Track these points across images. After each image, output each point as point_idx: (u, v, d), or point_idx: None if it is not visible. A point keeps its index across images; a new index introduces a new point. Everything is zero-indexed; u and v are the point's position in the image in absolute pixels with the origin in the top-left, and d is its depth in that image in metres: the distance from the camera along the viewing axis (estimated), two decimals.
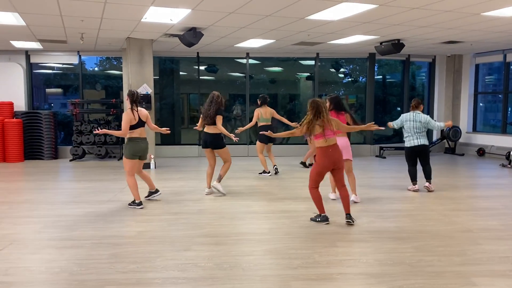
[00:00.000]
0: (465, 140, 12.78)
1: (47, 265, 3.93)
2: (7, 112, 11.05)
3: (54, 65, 12.60)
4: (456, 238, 4.75)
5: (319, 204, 5.30)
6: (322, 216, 5.32)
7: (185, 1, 6.32)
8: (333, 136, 5.12)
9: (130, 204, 6.08)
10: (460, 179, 8.72)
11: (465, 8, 6.64)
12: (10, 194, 7.09)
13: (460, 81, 13.03)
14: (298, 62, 13.33)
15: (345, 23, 7.79)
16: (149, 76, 9.92)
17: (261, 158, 8.80)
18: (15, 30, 8.48)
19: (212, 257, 4.12)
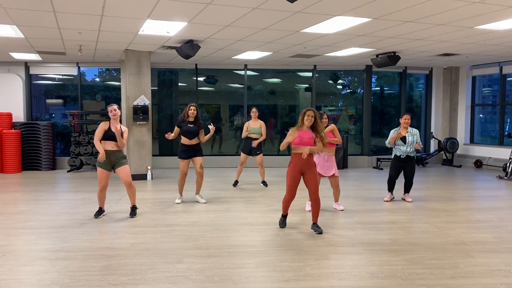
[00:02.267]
0: (462, 151, 12.80)
1: (39, 277, 3.93)
2: (6, 123, 11.09)
3: (54, 76, 12.68)
4: (449, 250, 4.75)
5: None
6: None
7: (181, 14, 6.39)
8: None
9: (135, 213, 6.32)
10: (456, 191, 8.72)
11: (458, 21, 6.71)
12: (5, 205, 7.09)
13: (457, 93, 13.09)
14: (297, 73, 13.41)
15: (341, 36, 7.86)
16: (146, 88, 9.98)
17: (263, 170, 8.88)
18: (13, 42, 8.57)
19: (204, 270, 4.12)
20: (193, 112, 7.04)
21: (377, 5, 5.74)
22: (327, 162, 6.53)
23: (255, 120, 8.72)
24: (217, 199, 7.59)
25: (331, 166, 6.54)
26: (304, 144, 5.30)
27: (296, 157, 5.35)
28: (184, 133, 7.02)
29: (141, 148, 9.94)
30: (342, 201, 7.24)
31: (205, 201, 7.33)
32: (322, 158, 6.49)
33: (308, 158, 5.30)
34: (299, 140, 5.32)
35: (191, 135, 7.02)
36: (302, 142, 5.31)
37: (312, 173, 5.38)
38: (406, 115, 7.32)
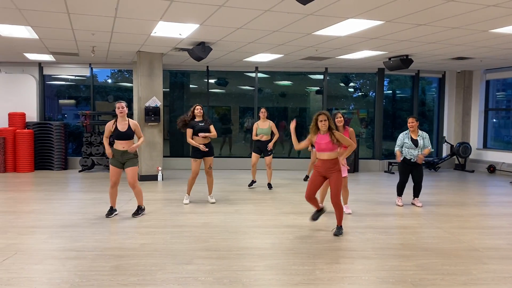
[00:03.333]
0: (475, 156, 12.65)
1: (49, 276, 3.96)
2: (19, 122, 11.24)
3: (67, 77, 12.81)
4: (461, 256, 4.68)
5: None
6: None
7: (194, 16, 6.42)
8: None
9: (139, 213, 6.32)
10: (468, 196, 8.60)
11: (473, 25, 6.63)
12: (18, 204, 7.18)
13: (470, 97, 12.94)
14: (307, 76, 13.38)
15: (353, 38, 7.82)
16: (158, 89, 10.03)
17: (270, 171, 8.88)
18: (28, 43, 8.68)
19: (213, 271, 4.11)
20: (200, 111, 7.15)
21: (390, 8, 5.70)
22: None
23: (264, 120, 8.73)
24: (227, 201, 7.59)
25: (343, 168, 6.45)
26: (322, 150, 5.28)
27: (319, 162, 5.36)
28: (198, 132, 7.09)
29: (152, 149, 9.99)
30: (352, 205, 7.21)
31: (214, 201, 7.39)
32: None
33: (327, 162, 5.27)
34: (317, 147, 5.31)
35: (205, 132, 7.12)
36: (321, 149, 5.29)
37: (333, 178, 5.29)
38: (411, 118, 7.30)
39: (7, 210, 6.72)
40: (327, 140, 5.25)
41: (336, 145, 5.26)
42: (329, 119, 5.27)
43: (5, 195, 8.08)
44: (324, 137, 5.28)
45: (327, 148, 5.25)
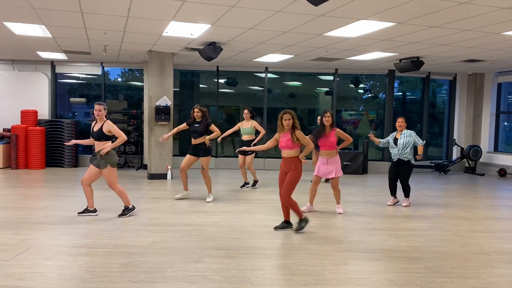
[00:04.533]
0: (485, 159, 12.54)
1: (60, 272, 4.02)
2: (31, 120, 11.38)
3: (78, 75, 12.94)
4: (470, 260, 4.66)
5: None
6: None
7: (205, 17, 6.46)
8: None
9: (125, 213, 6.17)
10: (478, 200, 8.55)
11: (485, 27, 6.59)
12: (30, 200, 7.27)
13: (481, 100, 12.85)
14: (317, 77, 13.37)
15: (363, 40, 7.81)
16: (169, 88, 10.10)
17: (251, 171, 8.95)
18: (41, 41, 8.79)
19: (222, 270, 4.14)
20: (197, 113, 7.31)
21: (402, 9, 5.69)
22: (326, 165, 6.59)
23: (247, 120, 8.79)
24: (236, 200, 7.62)
25: (332, 169, 6.58)
26: (283, 148, 5.48)
27: (282, 160, 5.54)
28: (191, 133, 7.36)
29: (162, 148, 10.06)
30: (361, 206, 7.22)
31: (211, 200, 7.43)
32: (321, 161, 6.62)
33: (286, 160, 5.45)
34: (280, 144, 5.51)
35: (195, 134, 7.31)
36: (282, 146, 5.49)
37: (288, 175, 5.44)
38: (401, 118, 7.36)
39: (19, 206, 6.81)
40: (287, 138, 5.41)
41: (296, 144, 5.40)
42: (293, 118, 5.42)
43: (17, 191, 8.20)
44: (286, 135, 5.46)
45: (287, 146, 5.42)
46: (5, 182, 9.33)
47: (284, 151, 5.49)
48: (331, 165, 6.59)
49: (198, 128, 7.26)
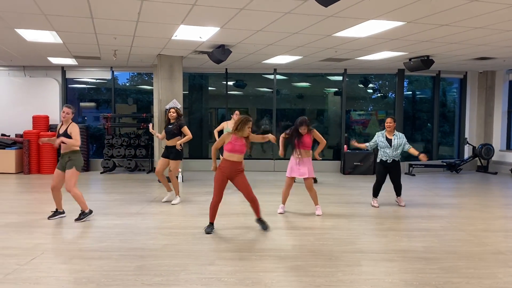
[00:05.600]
0: (498, 158, 12.41)
1: (76, 275, 4.05)
2: (43, 125, 11.49)
3: (88, 80, 13.06)
4: (486, 260, 4.62)
5: None
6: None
7: (214, 20, 6.48)
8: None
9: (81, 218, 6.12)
10: (492, 199, 8.46)
11: (496, 24, 6.53)
12: (43, 205, 7.34)
13: (493, 98, 12.71)
14: (326, 77, 13.34)
15: (373, 40, 7.78)
16: (178, 92, 10.14)
17: None
18: (52, 47, 8.88)
19: (235, 272, 4.14)
20: (172, 115, 7.37)
21: (412, 8, 5.66)
22: (299, 166, 6.49)
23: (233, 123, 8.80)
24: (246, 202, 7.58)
25: (304, 169, 6.48)
26: (235, 152, 5.39)
27: (228, 163, 5.41)
28: (165, 133, 7.43)
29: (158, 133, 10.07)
30: (372, 208, 7.18)
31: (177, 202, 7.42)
32: (293, 161, 6.53)
33: (235, 164, 5.41)
34: (231, 147, 5.37)
35: (169, 136, 7.37)
36: (234, 150, 5.38)
37: (241, 177, 5.48)
38: (389, 118, 7.30)
39: (33, 210, 6.89)
40: (242, 143, 5.39)
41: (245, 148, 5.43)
42: (253, 124, 5.48)
43: (31, 196, 8.29)
44: (240, 140, 5.39)
45: (240, 150, 5.40)
46: (18, 187, 9.44)
47: (235, 155, 5.39)
48: (302, 165, 6.49)
49: (170, 129, 7.33)
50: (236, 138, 5.40)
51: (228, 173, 5.43)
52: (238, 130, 5.38)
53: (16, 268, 4.19)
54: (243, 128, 5.36)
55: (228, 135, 5.44)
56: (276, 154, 11.85)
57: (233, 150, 5.38)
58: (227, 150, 5.40)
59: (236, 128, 5.39)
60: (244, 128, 5.36)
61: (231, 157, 5.41)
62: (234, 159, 5.41)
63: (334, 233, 5.61)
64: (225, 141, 5.44)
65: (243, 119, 5.40)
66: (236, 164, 5.43)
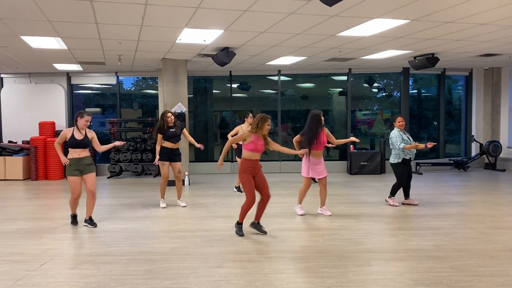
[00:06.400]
0: (506, 155, 12.32)
1: (85, 280, 4.05)
2: (49, 131, 11.55)
3: (93, 86, 13.12)
4: (497, 257, 4.57)
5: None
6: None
7: (218, 22, 6.49)
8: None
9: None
10: (501, 196, 8.39)
11: (501, 20, 6.48)
12: (51, 211, 7.37)
13: (499, 95, 12.63)
14: (330, 77, 13.31)
15: (377, 38, 7.75)
16: (183, 95, 10.16)
17: None
18: (57, 53, 8.93)
19: (245, 275, 4.13)
20: (171, 119, 7.33)
21: (416, 6, 5.63)
22: (317, 166, 6.48)
23: (248, 125, 8.75)
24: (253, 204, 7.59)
25: (322, 169, 6.50)
26: (258, 151, 5.42)
27: (251, 163, 5.41)
28: (168, 138, 7.28)
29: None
30: (382, 206, 7.15)
31: (185, 204, 7.46)
32: (312, 162, 6.48)
33: (257, 163, 5.47)
34: (254, 147, 5.38)
35: (175, 139, 7.32)
36: (256, 150, 5.40)
37: (261, 175, 5.52)
38: (400, 116, 7.29)
39: (41, 216, 6.91)
40: (262, 142, 5.44)
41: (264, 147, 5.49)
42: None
43: (38, 202, 8.32)
44: (260, 139, 5.42)
45: (261, 150, 5.46)
46: (26, 193, 9.48)
47: (257, 154, 5.45)
48: (320, 165, 6.51)
49: (176, 132, 7.34)
50: (258, 137, 5.43)
51: (252, 172, 5.44)
52: (258, 128, 5.40)
53: (26, 274, 4.20)
54: (262, 125, 5.39)
55: (249, 133, 5.42)
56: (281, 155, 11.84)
57: (255, 150, 5.40)
58: (250, 149, 5.40)
59: (256, 126, 5.40)
60: (264, 125, 5.40)
61: (254, 156, 5.43)
62: (256, 158, 5.46)
63: (343, 234, 5.58)
64: (246, 139, 5.42)
65: (262, 116, 5.43)
66: (258, 162, 5.49)
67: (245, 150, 5.43)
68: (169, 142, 7.30)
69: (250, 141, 5.37)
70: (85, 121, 5.99)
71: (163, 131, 7.28)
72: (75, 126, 5.98)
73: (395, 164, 7.20)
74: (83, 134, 5.98)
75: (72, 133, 5.94)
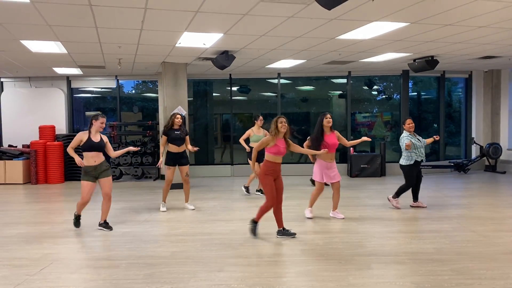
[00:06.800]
0: (506, 157, 12.31)
1: (85, 285, 4.04)
2: (49, 135, 11.54)
3: (93, 89, 13.13)
4: (498, 260, 4.56)
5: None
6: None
7: (217, 26, 6.50)
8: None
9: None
10: (502, 198, 8.38)
11: (501, 23, 6.49)
12: (51, 215, 7.37)
13: (499, 97, 12.63)
14: (330, 80, 13.33)
15: (377, 41, 7.76)
16: (183, 99, 10.16)
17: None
18: (57, 57, 8.94)
19: (245, 278, 4.12)
20: (179, 120, 7.29)
21: (416, 9, 5.64)
22: (330, 170, 6.47)
23: (258, 128, 8.78)
24: (253, 208, 7.57)
25: (335, 173, 6.49)
26: (281, 154, 5.46)
27: (274, 166, 5.46)
28: (172, 141, 7.22)
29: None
30: (382, 209, 7.15)
31: (193, 207, 7.45)
32: (324, 166, 6.46)
33: (279, 166, 5.51)
34: (277, 150, 5.42)
35: (180, 141, 7.25)
36: (279, 152, 5.44)
37: (280, 179, 5.57)
38: (410, 119, 7.27)
39: (41, 220, 6.90)
40: (284, 145, 5.49)
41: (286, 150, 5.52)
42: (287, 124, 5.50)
43: (38, 206, 8.31)
44: (282, 142, 5.47)
45: (284, 152, 5.49)
46: (26, 197, 9.48)
47: (280, 157, 5.48)
48: (332, 169, 6.49)
49: (181, 135, 7.29)
50: (280, 140, 5.47)
51: (274, 175, 5.48)
52: (278, 130, 5.45)
53: (26, 278, 4.19)
54: (278, 126, 5.44)
55: (271, 138, 5.46)
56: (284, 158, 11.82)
57: (278, 153, 5.45)
58: (273, 153, 5.44)
59: (275, 129, 5.45)
60: (278, 126, 5.44)
61: (277, 159, 5.48)
62: (279, 161, 5.50)
63: (343, 237, 5.57)
64: (269, 143, 5.46)
65: (275, 119, 5.50)
66: (280, 165, 5.53)
67: (268, 153, 5.50)
68: (173, 145, 7.25)
69: (274, 144, 5.44)
70: (100, 123, 5.97)
71: (168, 132, 7.25)
72: (89, 130, 5.97)
73: (407, 166, 7.17)
74: (99, 138, 5.98)
75: (89, 136, 5.92)
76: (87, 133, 5.95)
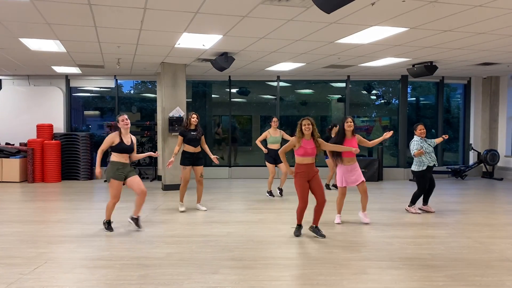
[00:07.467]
0: (503, 164, 12.32)
1: (79, 285, 4.02)
2: (47, 133, 11.53)
3: (92, 89, 13.11)
4: (493, 267, 4.55)
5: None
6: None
7: (217, 27, 6.50)
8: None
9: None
10: (498, 205, 8.38)
11: (500, 30, 6.51)
12: (46, 214, 7.34)
13: (497, 103, 12.65)
14: (329, 84, 13.34)
15: (376, 46, 7.77)
16: (182, 99, 10.15)
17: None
18: (56, 56, 8.93)
19: (239, 281, 4.10)
20: (195, 120, 7.26)
21: (415, 14, 5.65)
22: (351, 173, 6.46)
23: (275, 129, 8.79)
24: (250, 210, 7.59)
25: (357, 175, 6.48)
26: (309, 155, 5.52)
27: (304, 167, 5.54)
28: (189, 141, 7.21)
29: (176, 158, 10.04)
30: (378, 214, 7.14)
31: (206, 208, 7.46)
32: (344, 170, 6.45)
33: (311, 166, 5.56)
34: (304, 151, 5.50)
35: (196, 142, 7.24)
36: (307, 153, 5.51)
37: (317, 179, 5.62)
38: (421, 124, 7.30)
39: (36, 219, 6.88)
40: (312, 146, 5.54)
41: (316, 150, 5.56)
42: (313, 125, 5.56)
43: (34, 204, 8.29)
44: (309, 143, 5.54)
45: (312, 153, 5.54)
46: (22, 195, 9.45)
47: (309, 158, 5.54)
48: (354, 172, 6.48)
49: (197, 135, 7.28)
50: (306, 141, 5.54)
51: (307, 176, 5.54)
52: (303, 133, 5.53)
53: (19, 277, 4.17)
54: (302, 129, 5.52)
55: (297, 140, 5.55)
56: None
57: (306, 154, 5.52)
58: (300, 154, 5.54)
59: (300, 131, 5.54)
60: (304, 129, 5.51)
61: (305, 160, 5.55)
62: (308, 162, 5.55)
63: (338, 241, 5.56)
64: (295, 145, 5.55)
65: (300, 121, 5.61)
66: (311, 166, 5.59)
67: (296, 155, 5.59)
68: (190, 146, 7.24)
69: (300, 146, 5.51)
70: (122, 122, 5.91)
71: (185, 133, 7.22)
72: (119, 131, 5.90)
73: (420, 172, 7.16)
74: (129, 140, 5.96)
75: (121, 139, 5.86)
76: (118, 135, 5.88)
